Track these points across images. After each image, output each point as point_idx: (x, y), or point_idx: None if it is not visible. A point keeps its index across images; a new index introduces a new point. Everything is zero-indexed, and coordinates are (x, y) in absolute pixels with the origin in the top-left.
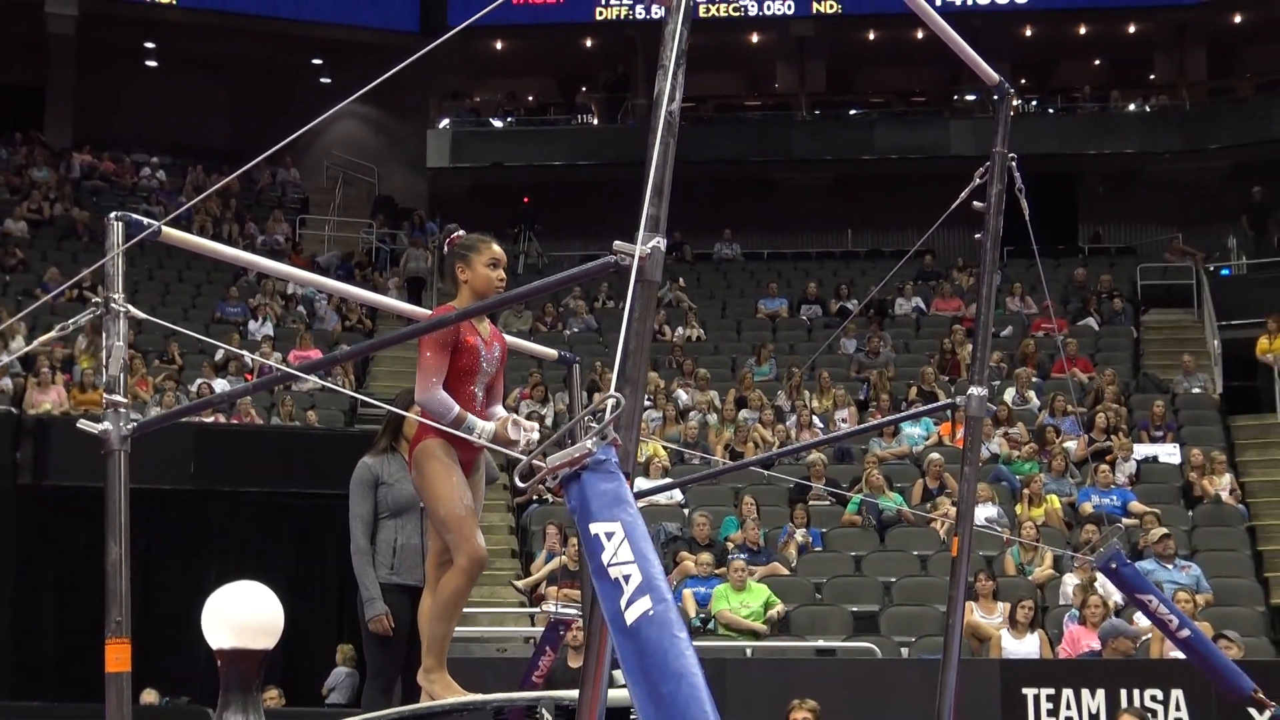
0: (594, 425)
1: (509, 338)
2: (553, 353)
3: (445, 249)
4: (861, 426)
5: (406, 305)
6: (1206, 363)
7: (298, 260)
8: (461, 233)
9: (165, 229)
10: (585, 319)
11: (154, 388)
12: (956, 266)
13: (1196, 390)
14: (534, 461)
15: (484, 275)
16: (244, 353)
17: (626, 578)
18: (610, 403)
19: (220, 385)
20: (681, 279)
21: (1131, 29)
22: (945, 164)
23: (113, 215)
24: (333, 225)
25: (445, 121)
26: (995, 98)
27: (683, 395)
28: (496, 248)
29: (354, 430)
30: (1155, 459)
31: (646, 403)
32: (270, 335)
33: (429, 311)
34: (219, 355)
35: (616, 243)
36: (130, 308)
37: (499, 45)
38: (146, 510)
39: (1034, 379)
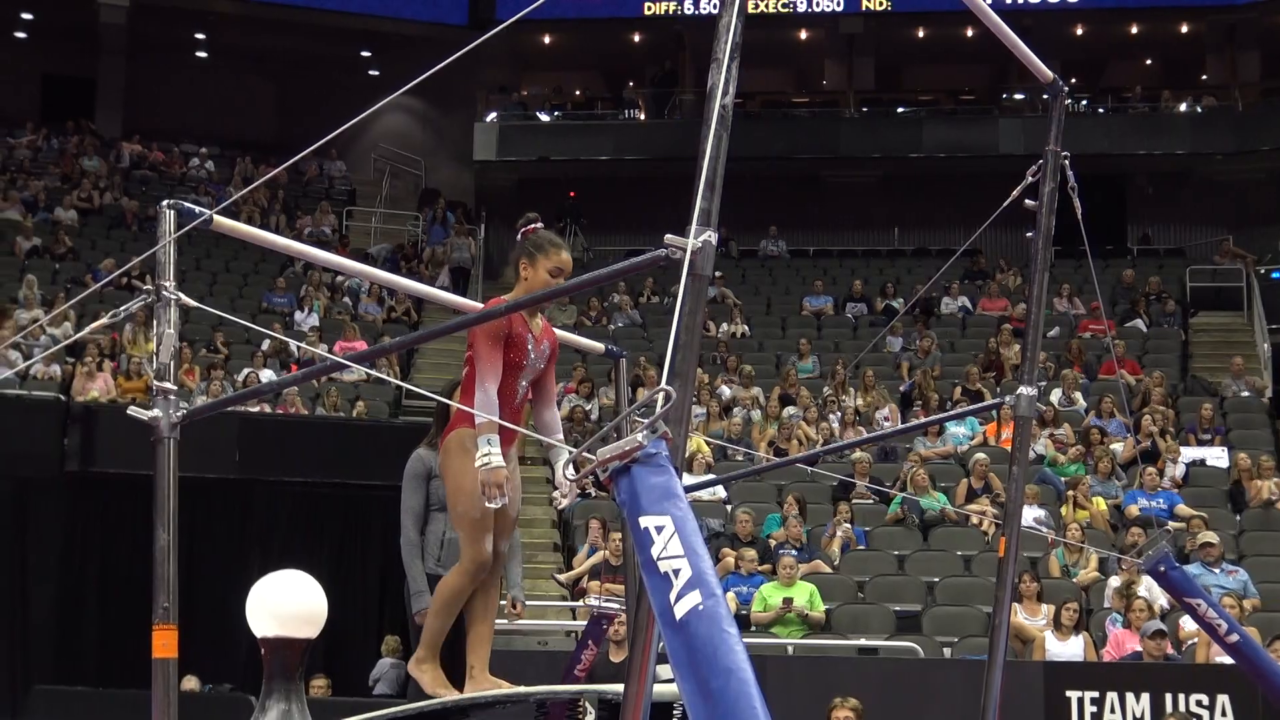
0: (642, 420)
1: (557, 331)
2: (599, 346)
3: (519, 236)
4: (907, 425)
5: (454, 297)
6: (1256, 366)
7: (344, 252)
8: (539, 226)
9: (217, 218)
10: (630, 314)
11: (201, 376)
12: (1002, 267)
13: (1245, 393)
14: (583, 454)
15: (544, 280)
16: (291, 340)
17: (676, 572)
18: (661, 396)
19: (267, 375)
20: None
21: (1183, 29)
22: (993, 162)
23: (165, 203)
24: (379, 218)
25: (492, 115)
26: (1048, 96)
27: (727, 391)
28: (566, 255)
29: (398, 422)
30: (1203, 462)
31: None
32: (316, 326)
33: (476, 303)
34: (265, 345)
35: (668, 236)
36: (182, 295)
37: (546, 39)
38: (191, 498)
39: (1081, 380)
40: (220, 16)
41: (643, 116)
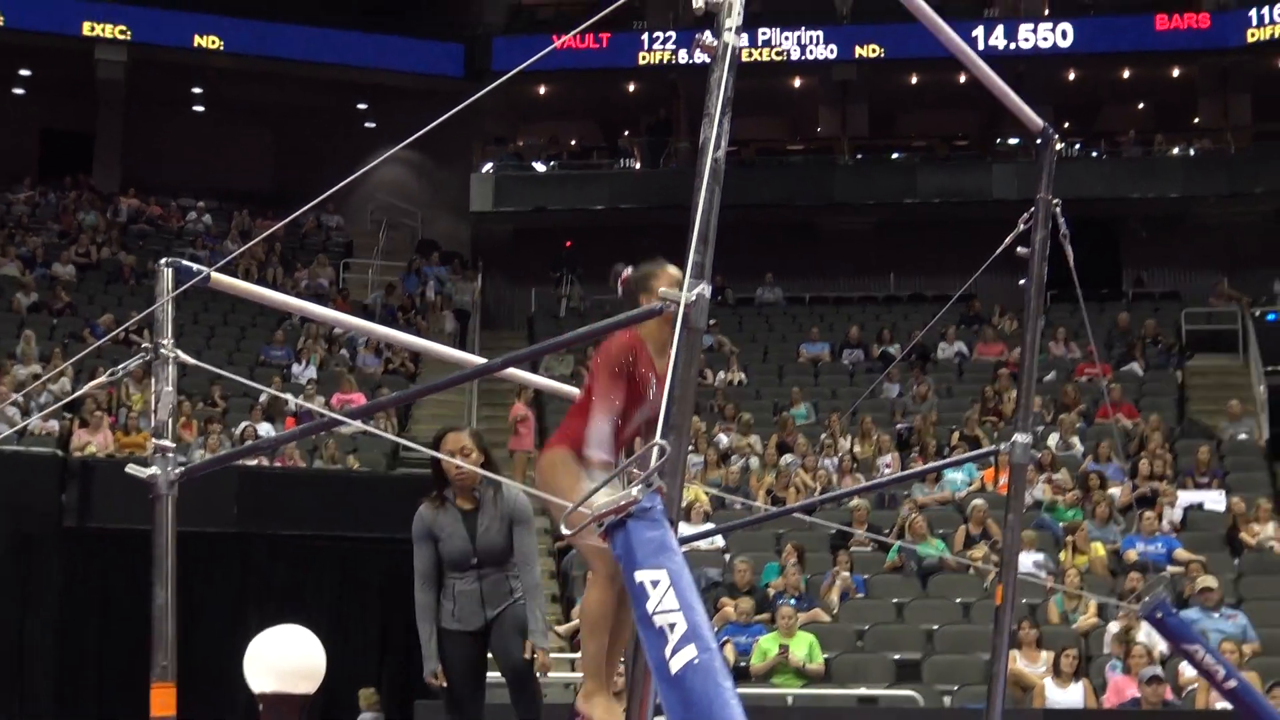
0: (638, 472)
1: (550, 381)
2: None
3: (620, 290)
4: (904, 473)
5: (452, 350)
6: (1253, 408)
7: (342, 305)
8: (628, 270)
9: (215, 275)
10: None
11: (198, 430)
12: (999, 311)
13: (1243, 436)
14: (580, 508)
15: (666, 333)
16: (288, 396)
17: (672, 625)
18: (656, 450)
19: (265, 428)
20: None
21: (1175, 73)
22: (987, 208)
23: (163, 261)
24: (377, 269)
25: (488, 166)
26: (1039, 143)
27: (724, 439)
28: (674, 270)
29: (396, 474)
30: (1201, 506)
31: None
32: (314, 378)
33: (474, 356)
34: (263, 398)
35: (662, 289)
36: (180, 353)
37: (542, 90)
38: (189, 553)
39: (1078, 424)
40: (217, 70)
41: (638, 165)
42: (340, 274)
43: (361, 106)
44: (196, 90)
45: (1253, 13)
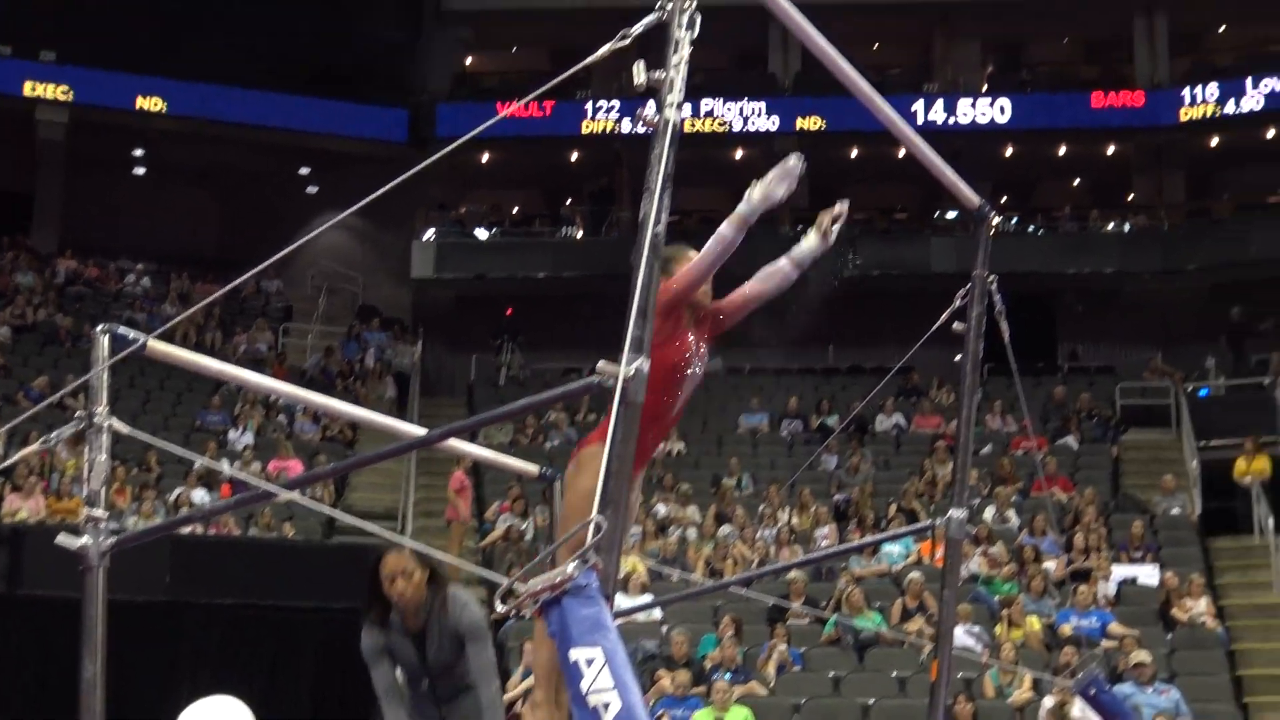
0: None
1: (489, 452)
2: (533, 469)
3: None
4: (842, 547)
5: (389, 420)
6: (1185, 483)
7: (280, 370)
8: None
9: (151, 342)
10: (566, 432)
11: (132, 495)
12: (937, 383)
13: (1176, 511)
14: (514, 584)
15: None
16: (223, 468)
17: (606, 705)
18: (591, 526)
19: (200, 495)
20: None
21: (1110, 150)
22: (926, 280)
23: (99, 329)
24: (316, 334)
25: (430, 232)
26: (975, 220)
27: (663, 509)
28: (694, 252)
29: (332, 543)
30: (1135, 580)
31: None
32: (251, 444)
33: (414, 427)
34: (199, 464)
35: (600, 364)
36: (114, 421)
37: (485, 157)
38: (121, 621)
39: (1013, 498)
40: (159, 133)
41: (580, 233)
42: (279, 338)
43: (304, 171)
44: (138, 152)
45: (1185, 92)
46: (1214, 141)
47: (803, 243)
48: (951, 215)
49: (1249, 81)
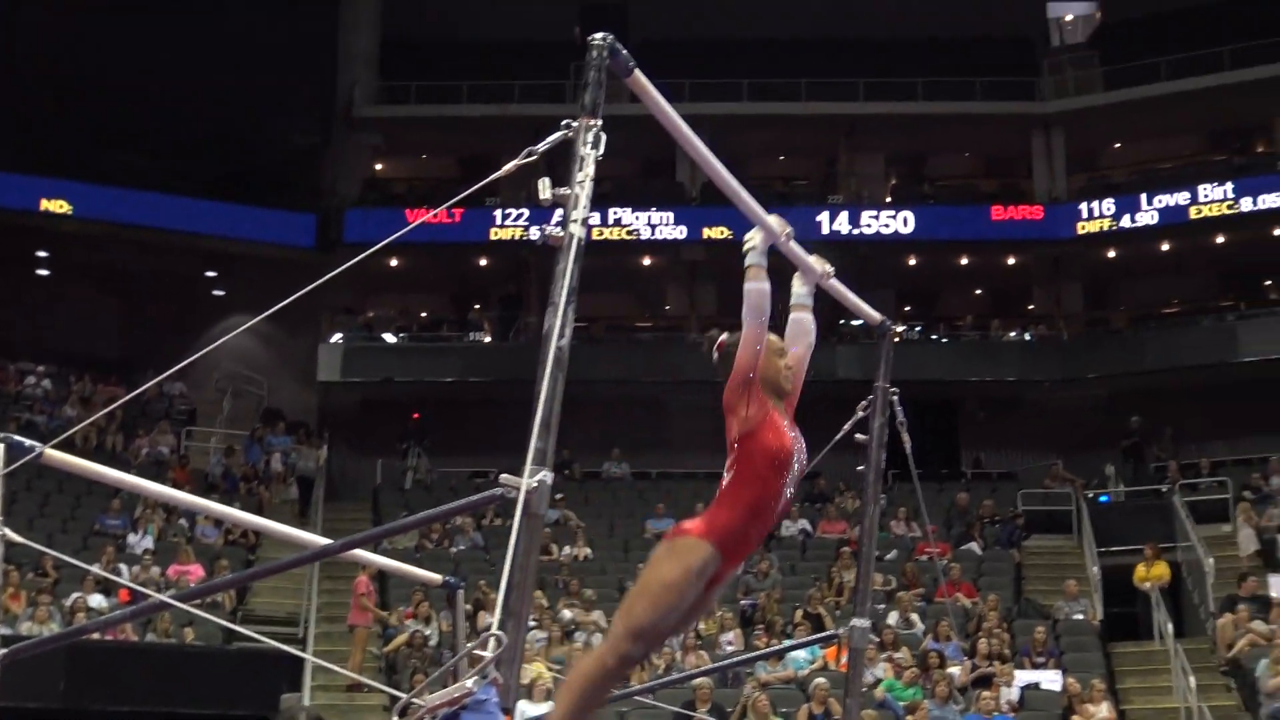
0: (481, 654)
1: (391, 561)
2: (436, 578)
3: (715, 356)
4: (747, 655)
5: (288, 529)
6: (1087, 588)
7: (182, 474)
8: (724, 335)
9: (49, 451)
10: (472, 536)
11: (27, 600)
12: (842, 489)
13: (1078, 616)
14: (413, 700)
15: (773, 365)
16: (117, 578)
17: None
18: (491, 641)
19: (97, 600)
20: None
21: (1010, 261)
22: (831, 387)
23: None
24: (220, 437)
25: (337, 336)
26: (877, 335)
27: (568, 615)
28: (774, 337)
29: (232, 649)
30: (1037, 685)
31: (531, 623)
32: (150, 549)
33: (313, 536)
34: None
35: (503, 476)
36: (8, 531)
37: (393, 262)
38: None
39: (918, 603)
40: (64, 235)
41: (488, 339)
42: (182, 441)
43: (210, 274)
44: (42, 254)
45: (1083, 206)
46: (1110, 254)
47: (795, 288)
48: (857, 323)
49: (1143, 197)
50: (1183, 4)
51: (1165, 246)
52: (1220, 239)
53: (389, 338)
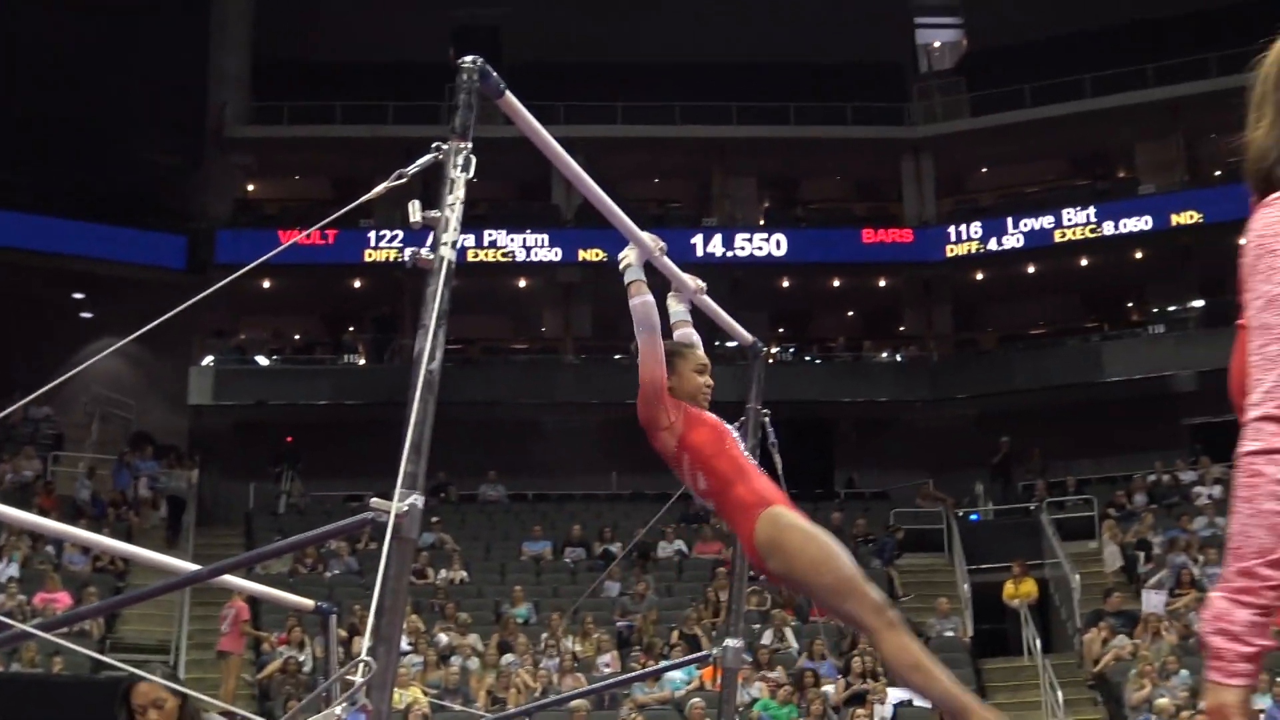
0: (354, 679)
1: (262, 587)
2: (309, 603)
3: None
4: (624, 676)
5: (157, 555)
6: (958, 606)
7: (48, 500)
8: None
9: None
10: (347, 560)
11: None
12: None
13: (949, 633)
14: None
15: (692, 380)
16: None
17: None
18: (362, 666)
19: None
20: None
21: (881, 284)
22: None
23: None
24: (88, 461)
25: (208, 359)
26: (749, 356)
27: (444, 639)
28: (701, 354)
29: (100, 678)
30: (910, 702)
31: (407, 647)
32: (15, 577)
33: (186, 564)
34: None
35: (373, 500)
36: None
37: (266, 284)
38: None
39: (792, 622)
40: None
41: (362, 361)
42: (48, 466)
43: (78, 296)
44: None
45: (951, 230)
46: (979, 276)
47: (671, 305)
48: (731, 344)
49: (1009, 221)
50: (1046, 33)
51: (1031, 269)
52: (1084, 261)
53: (261, 360)
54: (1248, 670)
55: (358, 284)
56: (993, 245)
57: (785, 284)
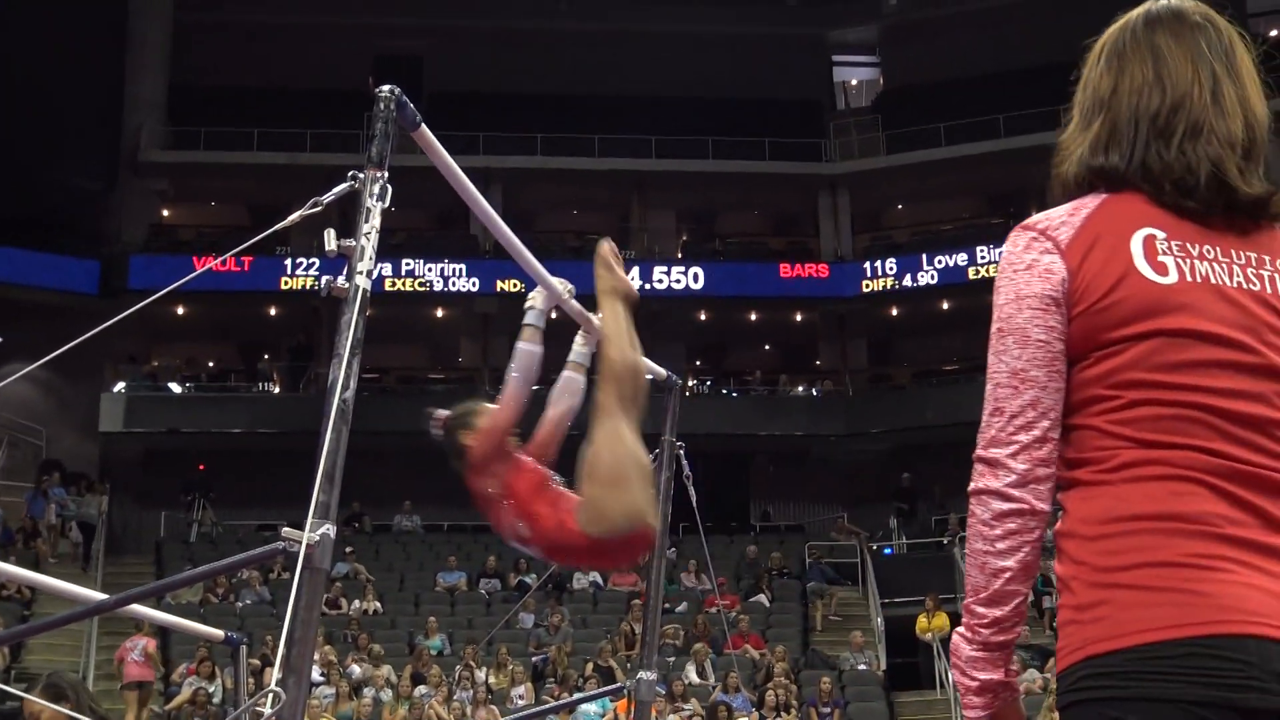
0: (261, 711)
1: (171, 617)
2: (219, 633)
3: (441, 432)
4: (539, 708)
5: (64, 584)
6: (872, 639)
7: None
8: (443, 412)
9: None
10: (259, 590)
11: None
12: None
13: (862, 667)
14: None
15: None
16: None
17: None
18: (269, 698)
19: None
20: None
21: (798, 318)
22: None
23: None
24: None
25: (120, 385)
26: (664, 390)
27: (357, 670)
28: (490, 405)
29: (4, 708)
30: None
31: (319, 678)
32: None
33: (93, 592)
34: None
35: (285, 529)
36: None
37: (180, 310)
38: None
39: (709, 654)
40: None
41: (277, 389)
42: None
43: None
44: None
45: (866, 265)
46: (894, 312)
47: (575, 346)
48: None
49: (924, 257)
50: (960, 73)
51: (946, 305)
52: None
53: (174, 387)
54: (980, 703)
55: (273, 311)
56: (908, 281)
57: (702, 317)
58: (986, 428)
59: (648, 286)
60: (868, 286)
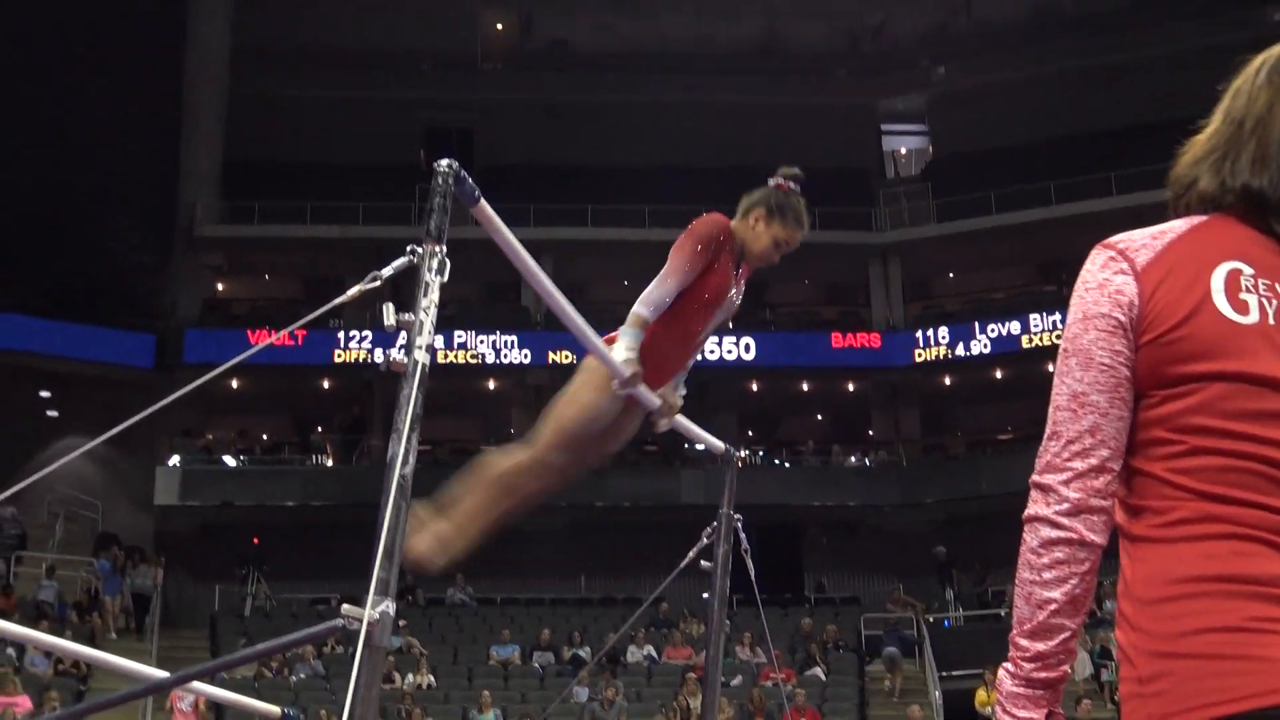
0: None
1: (226, 693)
2: (275, 710)
3: (773, 184)
4: None
5: (121, 660)
6: (930, 713)
7: (8, 601)
8: (797, 188)
9: None
10: (313, 664)
11: None
12: (686, 614)
13: None
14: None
15: (767, 244)
16: None
17: None
18: None
19: None
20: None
21: (850, 388)
22: (676, 512)
23: None
24: (52, 562)
25: (175, 459)
26: (721, 463)
27: None
28: (799, 236)
29: None
30: None
31: None
32: None
33: (148, 669)
34: None
35: (345, 606)
36: None
37: (234, 383)
38: None
39: None
40: None
41: (330, 462)
42: (11, 567)
43: (45, 394)
44: None
45: (919, 334)
46: (946, 381)
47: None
48: (700, 448)
49: (976, 326)
50: (1009, 141)
51: (999, 374)
52: (1051, 367)
53: (229, 460)
54: None
55: (327, 384)
56: (960, 351)
57: (754, 387)
58: (1043, 452)
59: (699, 357)
60: (920, 356)
